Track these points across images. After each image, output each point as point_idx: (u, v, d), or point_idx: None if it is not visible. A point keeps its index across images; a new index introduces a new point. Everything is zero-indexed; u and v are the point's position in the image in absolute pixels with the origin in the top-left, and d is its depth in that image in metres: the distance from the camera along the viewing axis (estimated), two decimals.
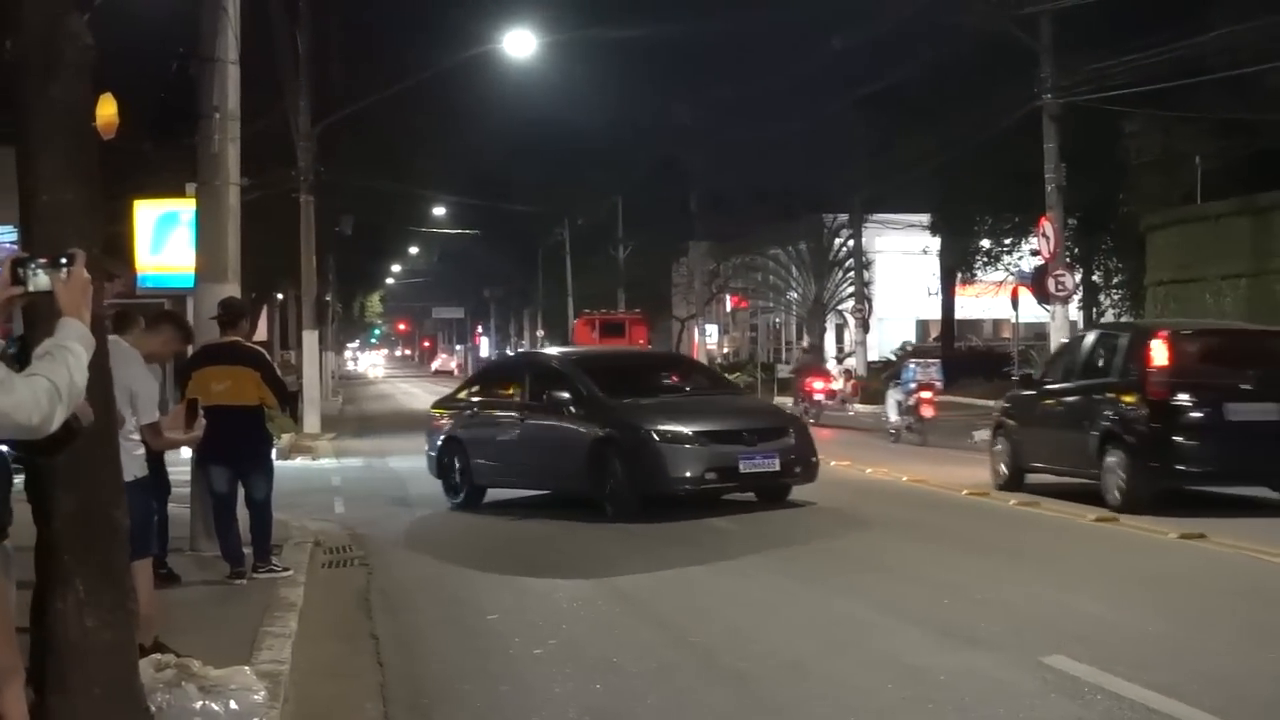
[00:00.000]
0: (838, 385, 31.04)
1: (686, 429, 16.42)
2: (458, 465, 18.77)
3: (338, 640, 10.11)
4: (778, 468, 16.61)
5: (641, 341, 52.82)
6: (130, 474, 7.30)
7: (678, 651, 9.39)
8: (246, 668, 7.75)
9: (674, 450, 16.24)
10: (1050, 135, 29.64)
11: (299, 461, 27.22)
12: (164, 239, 23.13)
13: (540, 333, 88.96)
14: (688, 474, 16.22)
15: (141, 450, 8.45)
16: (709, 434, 16.47)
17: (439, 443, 19.37)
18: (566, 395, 17.32)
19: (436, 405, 21.34)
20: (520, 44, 33.42)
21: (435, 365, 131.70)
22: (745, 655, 9.16)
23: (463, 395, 20.45)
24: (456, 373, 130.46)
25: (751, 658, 9.08)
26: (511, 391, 19.00)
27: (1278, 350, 16.51)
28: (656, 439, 16.23)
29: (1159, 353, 15.83)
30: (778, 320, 71.07)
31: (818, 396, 34.71)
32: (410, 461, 27.18)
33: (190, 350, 11.86)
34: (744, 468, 16.35)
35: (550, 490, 18.30)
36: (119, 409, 7.29)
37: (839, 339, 63.55)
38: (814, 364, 38.32)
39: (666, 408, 17.24)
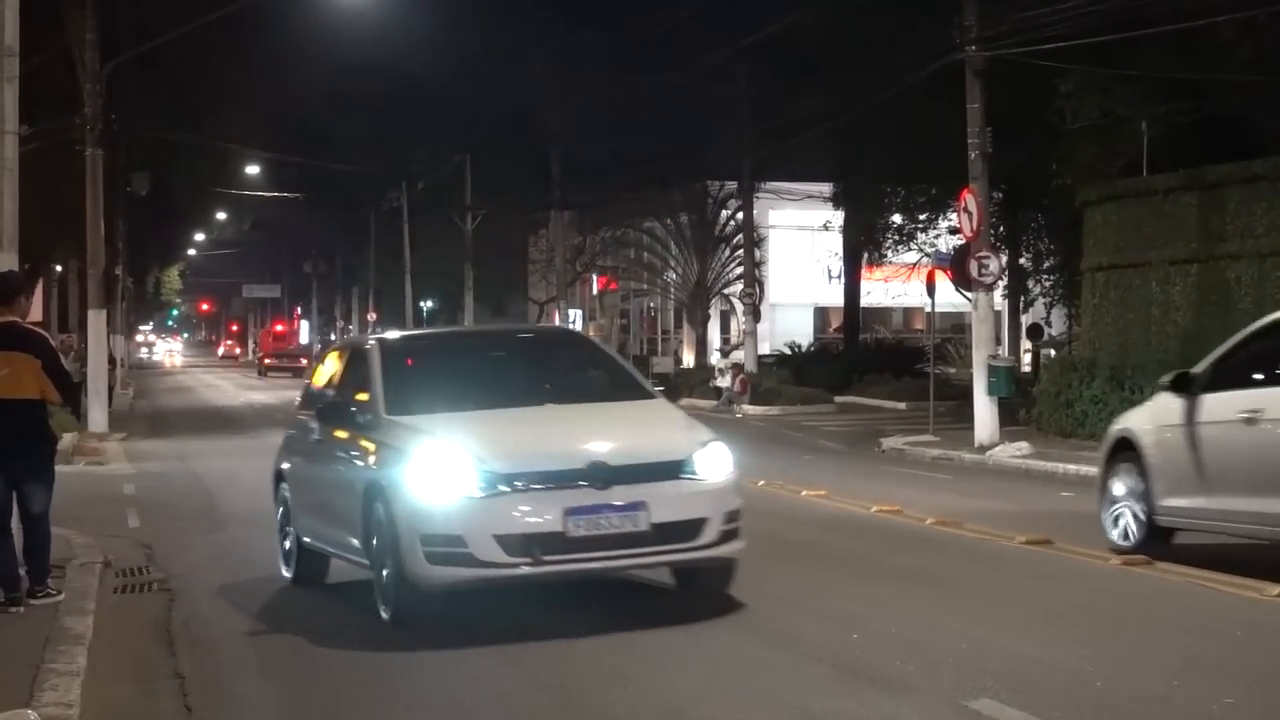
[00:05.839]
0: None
1: None
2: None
3: (134, 680, 10.01)
4: None
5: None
6: None
7: (533, 689, 9.43)
8: (30, 711, 7.67)
9: None
10: (974, 94, 29.85)
11: (82, 466, 26.93)
12: None
13: (372, 316, 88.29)
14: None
15: None
16: None
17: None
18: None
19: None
20: None
21: (221, 351, 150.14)
22: (619, 698, 9.22)
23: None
24: (239, 358, 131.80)
25: (624, 700, 9.15)
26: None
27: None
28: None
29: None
30: (653, 305, 71.26)
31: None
32: (217, 465, 27.05)
33: None
34: None
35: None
36: None
37: (724, 328, 63.85)
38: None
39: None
